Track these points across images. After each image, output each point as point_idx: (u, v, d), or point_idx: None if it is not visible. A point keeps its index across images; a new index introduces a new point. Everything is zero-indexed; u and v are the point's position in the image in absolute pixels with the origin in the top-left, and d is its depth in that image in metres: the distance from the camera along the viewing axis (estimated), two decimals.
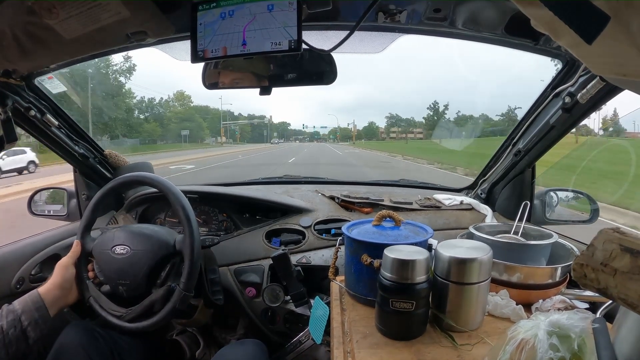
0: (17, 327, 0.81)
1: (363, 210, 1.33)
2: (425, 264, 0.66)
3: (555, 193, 1.27)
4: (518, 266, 0.79)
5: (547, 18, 0.33)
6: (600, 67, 0.45)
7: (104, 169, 1.37)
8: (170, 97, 51.52)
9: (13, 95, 0.97)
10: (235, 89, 0.94)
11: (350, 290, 0.84)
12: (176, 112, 46.77)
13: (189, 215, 0.97)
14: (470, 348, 0.64)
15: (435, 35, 0.90)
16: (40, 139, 1.15)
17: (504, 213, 1.26)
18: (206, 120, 53.95)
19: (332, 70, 0.88)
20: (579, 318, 0.49)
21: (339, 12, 0.82)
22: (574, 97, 0.88)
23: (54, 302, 0.90)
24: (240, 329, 1.34)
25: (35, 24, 0.69)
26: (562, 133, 1.01)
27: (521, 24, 0.76)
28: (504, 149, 1.23)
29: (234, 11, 0.75)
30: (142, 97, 44.52)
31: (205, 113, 55.42)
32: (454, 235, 1.08)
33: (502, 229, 0.99)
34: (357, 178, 1.99)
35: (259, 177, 1.73)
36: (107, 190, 1.04)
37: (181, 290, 0.94)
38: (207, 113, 56.34)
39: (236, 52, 0.76)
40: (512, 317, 0.73)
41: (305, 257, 1.21)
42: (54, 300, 0.90)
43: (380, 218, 0.87)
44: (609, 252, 0.39)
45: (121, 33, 0.77)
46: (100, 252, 1.00)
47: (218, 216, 1.40)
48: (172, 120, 45.14)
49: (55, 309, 0.90)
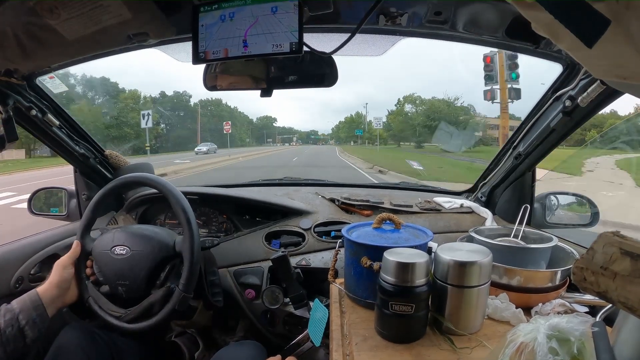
0: (14, 326, 0.81)
1: (363, 212, 1.33)
2: (425, 267, 0.66)
3: (556, 196, 1.27)
4: (518, 269, 0.79)
5: (548, 21, 0.33)
6: (601, 70, 0.45)
7: (104, 169, 1.37)
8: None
9: (14, 95, 0.97)
10: (235, 90, 0.94)
11: (350, 292, 0.84)
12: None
13: (189, 217, 0.97)
14: (469, 351, 0.64)
15: (436, 38, 0.90)
16: (41, 139, 1.15)
17: (504, 216, 1.26)
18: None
19: (333, 72, 0.88)
20: (578, 322, 0.49)
21: (340, 14, 0.82)
22: (575, 100, 0.88)
23: (52, 302, 0.90)
24: (239, 331, 1.33)
25: (37, 24, 0.69)
26: (562, 136, 1.01)
27: (522, 27, 0.76)
28: (505, 152, 1.23)
29: (236, 13, 0.75)
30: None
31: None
32: (454, 238, 1.08)
33: (502, 232, 0.99)
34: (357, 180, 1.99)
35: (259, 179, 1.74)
36: (107, 191, 1.04)
37: (180, 291, 0.94)
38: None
39: (237, 54, 0.76)
40: (512, 320, 0.73)
41: (305, 260, 1.20)
42: (52, 299, 0.90)
43: (380, 221, 0.87)
44: (609, 255, 0.39)
45: (122, 34, 0.77)
46: (100, 252, 1.00)
47: (218, 218, 1.40)
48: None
49: (53, 309, 0.90)
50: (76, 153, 1.24)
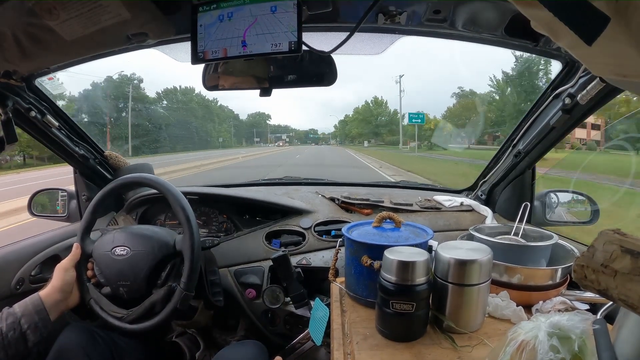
0: (16, 330, 0.81)
1: (363, 211, 1.33)
2: (426, 266, 0.66)
3: (556, 194, 1.27)
4: (518, 267, 0.79)
5: (547, 19, 0.33)
6: (600, 68, 0.45)
7: (104, 170, 1.37)
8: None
9: (13, 96, 0.97)
10: (235, 90, 0.94)
11: (351, 291, 0.84)
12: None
13: (189, 216, 0.97)
14: (470, 349, 0.64)
15: (435, 36, 0.90)
16: (41, 140, 1.15)
17: (504, 214, 1.26)
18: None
19: (332, 71, 0.88)
20: (579, 319, 0.49)
21: (339, 13, 0.82)
22: (574, 98, 0.88)
23: (55, 306, 0.90)
24: (240, 331, 1.33)
25: (36, 25, 0.69)
26: (562, 134, 1.01)
27: (521, 25, 0.76)
28: (504, 150, 1.23)
29: (234, 13, 0.75)
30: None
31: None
32: (454, 236, 1.08)
33: (502, 230, 0.99)
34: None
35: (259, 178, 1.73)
36: (107, 192, 1.04)
37: (182, 289, 0.94)
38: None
39: (236, 53, 0.76)
40: (513, 318, 0.73)
41: (306, 259, 1.21)
42: (54, 303, 0.89)
43: (380, 219, 0.87)
44: (610, 253, 0.39)
45: (122, 34, 0.77)
46: (101, 253, 1.00)
47: (218, 217, 1.40)
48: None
49: (56, 313, 0.90)
50: (76, 154, 1.24)
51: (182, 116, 43.08)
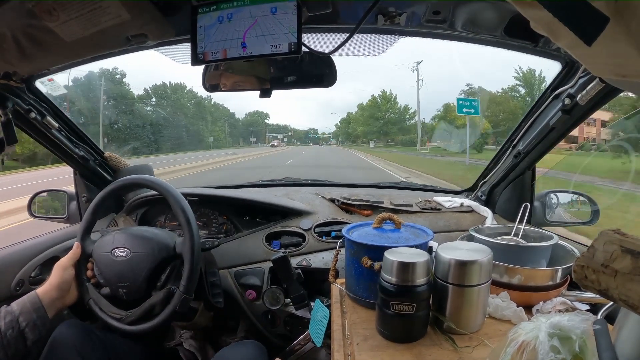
0: (14, 328, 0.81)
1: (363, 212, 1.33)
2: (426, 267, 0.66)
3: (556, 195, 1.27)
4: (518, 268, 0.79)
5: (546, 20, 0.33)
6: (600, 68, 0.45)
7: (104, 171, 1.37)
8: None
9: (13, 98, 0.97)
10: (235, 91, 0.94)
11: (351, 292, 0.84)
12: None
13: (189, 218, 0.97)
14: (470, 350, 0.64)
15: (435, 37, 0.90)
16: (41, 141, 1.15)
17: (504, 215, 1.26)
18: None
19: (332, 72, 0.88)
20: (580, 320, 0.49)
21: (339, 14, 0.82)
22: (574, 98, 0.88)
23: (52, 303, 0.90)
24: (240, 332, 1.33)
25: (36, 26, 0.69)
26: (562, 134, 1.01)
27: (520, 25, 0.76)
28: (504, 151, 1.23)
29: (234, 14, 0.75)
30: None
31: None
32: (454, 237, 1.08)
33: (502, 231, 0.99)
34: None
35: (259, 179, 1.73)
36: (107, 193, 1.04)
37: (181, 293, 0.94)
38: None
39: (236, 54, 0.76)
40: (513, 319, 0.73)
41: (306, 260, 1.20)
42: (52, 301, 0.89)
43: (380, 220, 0.87)
44: (610, 253, 0.39)
45: (121, 36, 0.77)
46: (100, 254, 1.00)
47: (218, 219, 1.39)
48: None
49: (53, 310, 0.89)
50: (76, 155, 1.24)
51: (169, 114, 39.33)
